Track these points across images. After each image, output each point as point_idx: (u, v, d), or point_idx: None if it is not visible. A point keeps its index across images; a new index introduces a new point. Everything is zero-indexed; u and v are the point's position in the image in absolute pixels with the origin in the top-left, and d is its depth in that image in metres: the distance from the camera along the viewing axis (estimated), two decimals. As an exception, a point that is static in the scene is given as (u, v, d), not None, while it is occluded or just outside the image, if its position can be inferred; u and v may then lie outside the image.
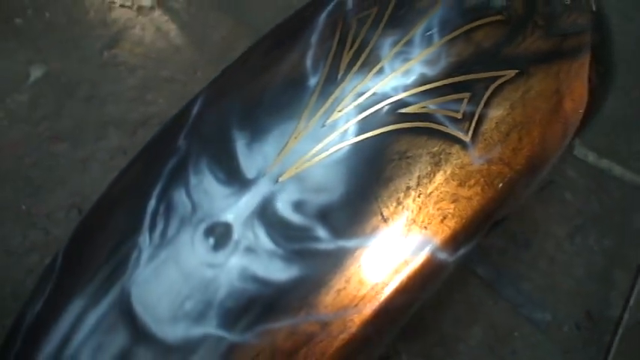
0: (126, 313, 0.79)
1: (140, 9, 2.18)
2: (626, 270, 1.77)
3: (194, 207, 0.81)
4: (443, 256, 0.81)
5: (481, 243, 1.66)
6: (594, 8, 1.02)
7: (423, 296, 0.86)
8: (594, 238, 1.86)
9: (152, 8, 2.19)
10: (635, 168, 1.96)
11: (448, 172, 0.81)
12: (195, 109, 0.88)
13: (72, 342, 0.81)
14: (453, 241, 0.82)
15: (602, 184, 1.95)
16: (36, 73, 1.98)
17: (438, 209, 0.81)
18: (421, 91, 0.81)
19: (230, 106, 0.85)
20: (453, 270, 0.97)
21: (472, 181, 0.82)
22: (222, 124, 0.84)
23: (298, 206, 0.79)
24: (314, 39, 0.87)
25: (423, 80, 0.83)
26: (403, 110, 0.81)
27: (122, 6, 2.16)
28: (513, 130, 0.84)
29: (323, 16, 0.90)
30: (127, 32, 2.14)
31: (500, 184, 0.84)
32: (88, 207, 0.95)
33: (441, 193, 0.80)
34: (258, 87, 0.86)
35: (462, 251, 0.84)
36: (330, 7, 0.91)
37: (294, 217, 0.79)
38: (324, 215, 0.79)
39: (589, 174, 1.96)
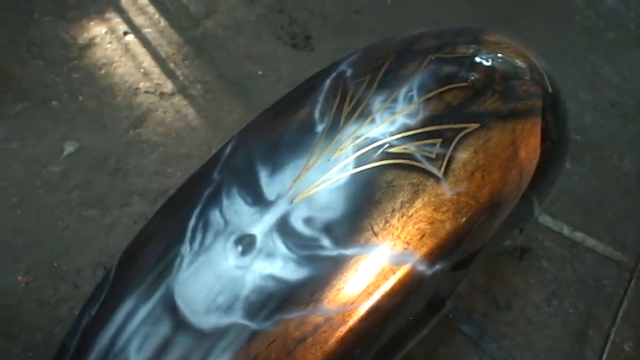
0: (169, 307, 0.98)
1: (162, 95, 2.41)
2: (599, 330, 1.92)
3: (226, 223, 1.03)
4: (422, 267, 1.00)
5: (464, 305, 1.84)
6: (550, 90, 1.27)
7: (407, 303, 1.04)
8: (569, 302, 2.00)
9: (173, 94, 2.41)
10: (605, 240, 2.13)
11: (425, 199, 1.02)
12: (227, 150, 1.12)
13: (123, 333, 0.98)
14: (431, 256, 1.01)
15: (576, 254, 2.12)
16: (69, 148, 2.18)
17: (417, 229, 1.01)
18: (403, 136, 1.04)
19: (255, 146, 1.09)
20: (431, 289, 1.16)
21: (445, 208, 1.03)
22: (249, 159, 1.07)
23: (308, 221, 1.01)
24: (321, 97, 1.12)
25: (404, 128, 1.06)
26: (390, 150, 1.03)
27: (146, 92, 2.37)
28: (477, 171, 1.05)
29: (327, 81, 1.15)
30: (150, 114, 2.35)
31: (468, 212, 1.04)
32: (113, 264, 1.11)
33: (419, 215, 1.01)
34: (277, 132, 1.10)
35: (437, 267, 1.02)
36: (333, 75, 1.17)
37: (305, 230, 1.00)
38: (328, 229, 1.00)
39: (564, 245, 2.14)
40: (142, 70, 2.49)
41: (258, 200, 1.02)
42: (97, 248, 1.94)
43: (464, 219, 1.03)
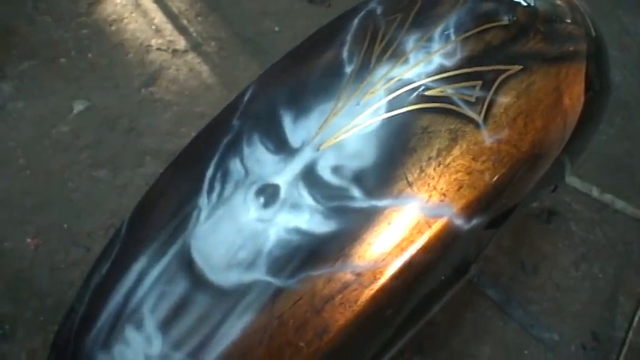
0: (186, 263, 0.91)
1: (175, 52, 2.33)
2: (630, 295, 1.86)
3: (247, 172, 0.94)
4: (459, 222, 0.93)
5: (489, 269, 1.78)
6: (594, 34, 1.17)
7: (441, 260, 0.97)
8: (598, 266, 1.94)
9: (186, 51, 2.34)
10: (635, 202, 2.06)
11: (464, 146, 0.94)
12: (246, 96, 1.03)
13: (137, 293, 0.92)
14: (468, 209, 0.94)
15: (605, 217, 2.06)
16: (79, 107, 2.13)
17: (454, 179, 0.93)
18: (440, 78, 0.96)
19: (277, 90, 1.00)
20: (467, 245, 1.09)
21: (484, 157, 0.95)
22: (271, 105, 0.98)
23: (336, 170, 0.92)
24: (349, 37, 1.03)
25: (441, 69, 0.97)
26: (425, 93, 0.95)
27: (159, 49, 2.30)
28: (519, 117, 0.97)
29: (356, 20, 1.06)
30: (163, 72, 2.28)
31: (508, 162, 0.96)
32: (124, 220, 1.05)
33: (457, 164, 0.93)
34: (302, 75, 1.01)
35: (475, 221, 0.95)
36: (362, 14, 1.08)
37: (333, 179, 0.92)
38: (359, 178, 0.92)
39: (593, 207, 2.07)
40: (154, 27, 2.43)
41: (282, 148, 0.94)
42: (109, 210, 1.89)
43: (504, 170, 0.96)
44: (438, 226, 0.91)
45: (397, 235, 0.90)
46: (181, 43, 2.38)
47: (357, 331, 0.89)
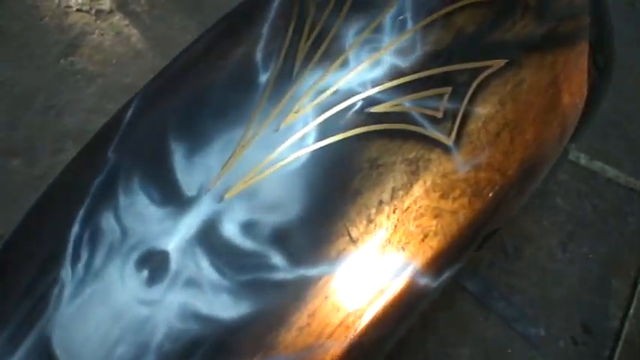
0: (45, 361, 0.64)
1: (99, 13, 2.08)
2: (624, 277, 1.70)
3: (124, 232, 0.67)
4: (425, 280, 0.69)
5: (469, 256, 1.57)
6: None
7: (403, 327, 0.72)
8: (588, 245, 1.76)
9: (111, 12, 2.09)
10: (628, 169, 1.87)
11: (428, 182, 0.68)
12: (128, 115, 0.74)
13: None
14: (437, 263, 0.70)
15: (594, 188, 1.87)
16: (-13, 83, 1.78)
17: (417, 226, 0.69)
18: (393, 87, 0.68)
19: (167, 109, 0.71)
20: (438, 296, 0.83)
21: (457, 192, 0.69)
22: (158, 131, 0.70)
23: (248, 228, 0.66)
24: (266, 28, 0.74)
25: (395, 73, 0.70)
26: (373, 109, 0.67)
27: (79, 10, 2.06)
28: (504, 130, 0.71)
29: (276, 3, 0.76)
30: (85, 38, 2.03)
31: (491, 194, 0.71)
32: None
33: (420, 207, 0.67)
34: (200, 86, 0.73)
35: (446, 274, 0.72)
36: None
37: (244, 242, 0.66)
38: (280, 238, 0.67)
39: (581, 177, 1.88)
40: None
41: (171, 196, 0.68)
42: (24, 206, 1.58)
43: (484, 204, 0.73)
44: (395, 291, 0.68)
45: (339, 312, 0.67)
46: (106, 2, 2.11)
47: None
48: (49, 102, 1.86)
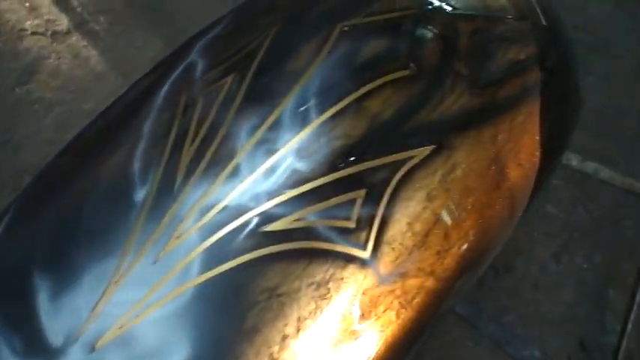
0: None
1: (55, 35, 1.99)
2: (621, 287, 1.60)
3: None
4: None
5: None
6: (544, 21, 0.77)
7: None
8: (583, 255, 1.66)
9: (68, 33, 2.00)
10: (624, 169, 1.77)
11: (343, 304, 0.56)
12: (-5, 235, 0.63)
13: None
14: None
15: (588, 192, 1.77)
16: (-64, 117, 1.70)
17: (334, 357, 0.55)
18: (294, 197, 0.56)
19: (35, 233, 0.59)
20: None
21: (381, 309, 0.58)
22: (22, 263, 0.58)
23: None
24: (147, 127, 0.61)
25: (295, 180, 0.58)
26: (269, 227, 0.56)
27: (34, 33, 1.97)
28: (435, 228, 0.60)
29: (164, 89, 0.64)
30: (41, 63, 1.94)
31: (424, 301, 0.60)
32: None
33: (335, 334, 0.55)
34: (68, 205, 0.61)
35: None
36: (174, 76, 0.65)
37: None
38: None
39: (573, 180, 1.78)
40: (28, 4, 2.05)
41: (34, 347, 0.57)
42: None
43: (417, 313, 0.61)
44: None
45: None
46: (63, 22, 2.02)
47: None
48: (5, 136, 1.78)
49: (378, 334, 0.59)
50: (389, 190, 0.59)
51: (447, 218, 0.62)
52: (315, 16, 0.66)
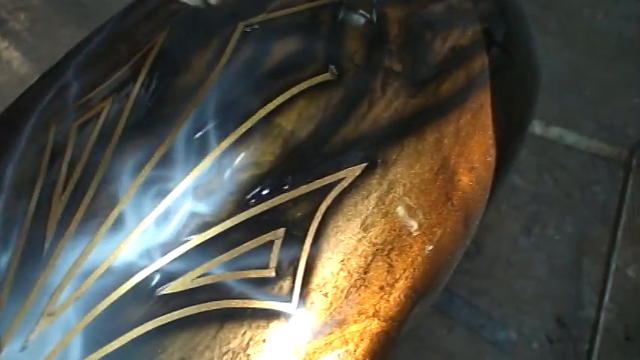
0: None
1: None
2: (595, 256, 1.58)
3: None
4: None
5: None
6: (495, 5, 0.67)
7: None
8: (554, 226, 1.64)
9: None
10: (588, 131, 1.73)
11: (268, 369, 0.44)
12: None
13: None
14: None
15: (554, 158, 1.73)
16: None
17: None
18: (195, 248, 0.45)
19: None
20: None
21: (313, 366, 0.46)
22: None
23: None
24: (9, 173, 0.49)
25: (196, 226, 0.47)
26: (167, 289, 0.45)
27: None
28: (374, 261, 0.50)
29: (31, 122, 0.52)
30: None
31: (370, 346, 0.49)
32: None
33: None
34: None
35: None
36: (45, 103, 0.53)
37: None
38: None
39: (538, 147, 1.74)
40: None
41: None
42: None
43: (365, 356, 0.52)
44: None
45: None
46: None
47: None
48: None
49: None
50: (314, 225, 0.48)
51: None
52: (211, 16, 0.54)
